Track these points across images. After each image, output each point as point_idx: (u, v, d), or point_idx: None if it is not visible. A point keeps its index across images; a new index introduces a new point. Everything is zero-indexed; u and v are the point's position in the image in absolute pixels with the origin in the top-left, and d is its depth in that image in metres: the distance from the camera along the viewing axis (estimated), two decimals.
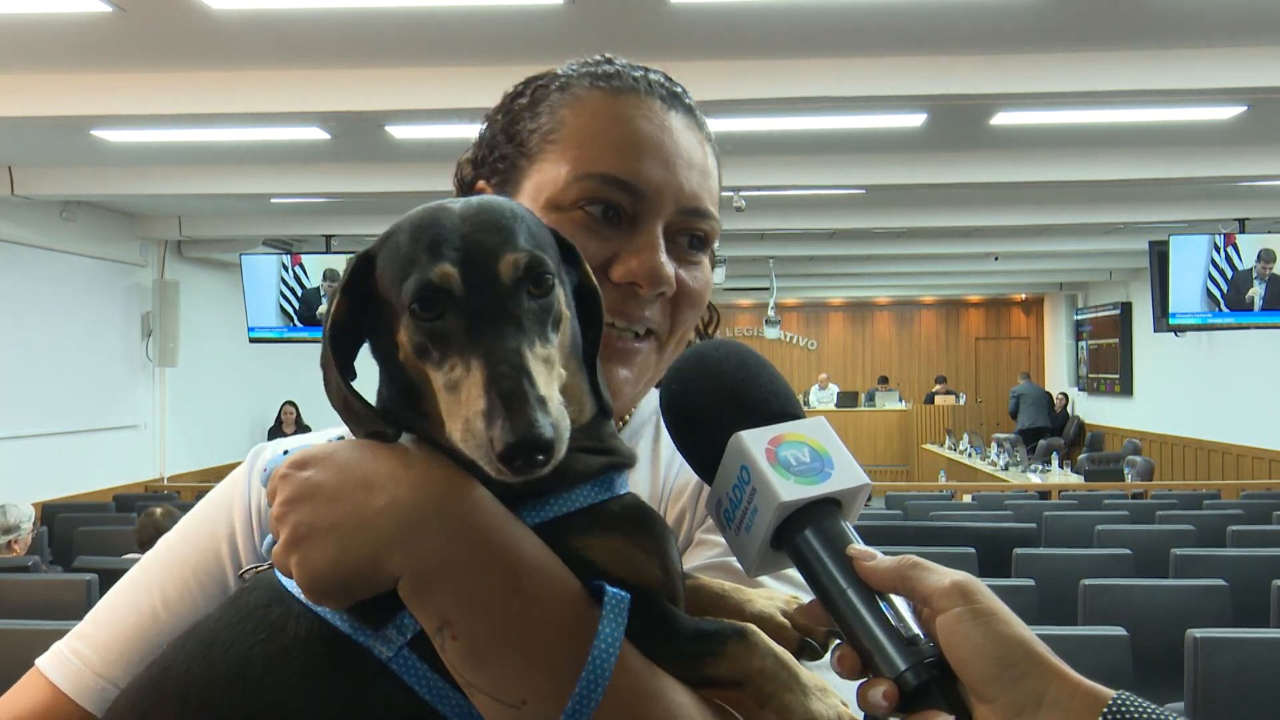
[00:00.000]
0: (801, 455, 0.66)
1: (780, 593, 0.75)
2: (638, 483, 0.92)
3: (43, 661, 0.85)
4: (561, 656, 0.64)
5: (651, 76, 0.91)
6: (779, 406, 0.70)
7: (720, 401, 0.70)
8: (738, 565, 0.79)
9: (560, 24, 4.58)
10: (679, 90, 0.93)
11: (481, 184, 0.94)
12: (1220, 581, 4.04)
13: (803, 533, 0.65)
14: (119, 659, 0.83)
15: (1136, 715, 0.55)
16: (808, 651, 0.71)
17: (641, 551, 0.69)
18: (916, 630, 0.60)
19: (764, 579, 0.78)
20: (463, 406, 0.62)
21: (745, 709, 0.70)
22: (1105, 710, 0.55)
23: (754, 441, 0.66)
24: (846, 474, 0.66)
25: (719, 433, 0.68)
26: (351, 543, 0.66)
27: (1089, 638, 3.32)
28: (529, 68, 0.98)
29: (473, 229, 0.66)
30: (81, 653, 0.84)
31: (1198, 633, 3.09)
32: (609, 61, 0.92)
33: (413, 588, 0.66)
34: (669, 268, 0.87)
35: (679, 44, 4.86)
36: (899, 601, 0.62)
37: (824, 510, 0.65)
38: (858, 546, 0.64)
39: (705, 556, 0.83)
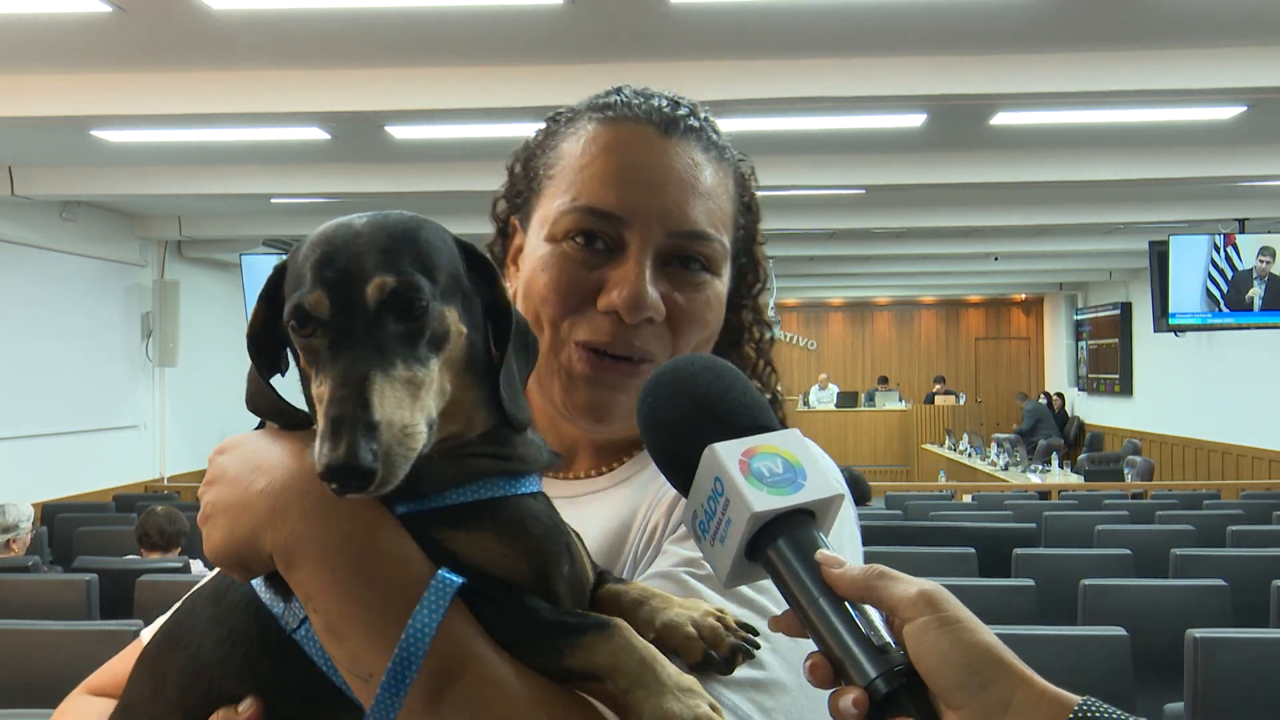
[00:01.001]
0: (775, 467, 0.66)
1: (706, 604, 0.75)
2: (631, 496, 0.92)
3: (146, 632, 0.95)
4: (395, 635, 0.67)
5: (653, 103, 0.93)
6: (752, 419, 0.70)
7: (695, 415, 0.70)
8: (683, 575, 0.80)
9: (560, 24, 4.58)
10: (683, 114, 0.93)
11: (514, 219, 0.99)
12: (1220, 581, 4.04)
13: (776, 543, 0.65)
14: None
15: None
16: (715, 666, 0.71)
17: (507, 548, 0.71)
18: (887, 638, 0.61)
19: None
20: (318, 421, 0.66)
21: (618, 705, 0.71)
22: (1071, 716, 0.56)
23: (728, 453, 0.67)
24: (819, 485, 0.66)
25: (694, 445, 0.68)
26: (237, 522, 0.72)
27: (1089, 638, 3.31)
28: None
29: (358, 248, 0.68)
30: None
31: (1198, 633, 3.08)
32: (618, 91, 0.94)
33: (281, 564, 0.71)
34: (652, 294, 0.88)
35: (679, 44, 4.86)
36: (870, 610, 0.62)
37: (797, 521, 0.65)
38: (825, 553, 0.65)
39: (661, 565, 0.84)
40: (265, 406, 0.76)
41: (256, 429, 0.79)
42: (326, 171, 7.43)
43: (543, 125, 0.98)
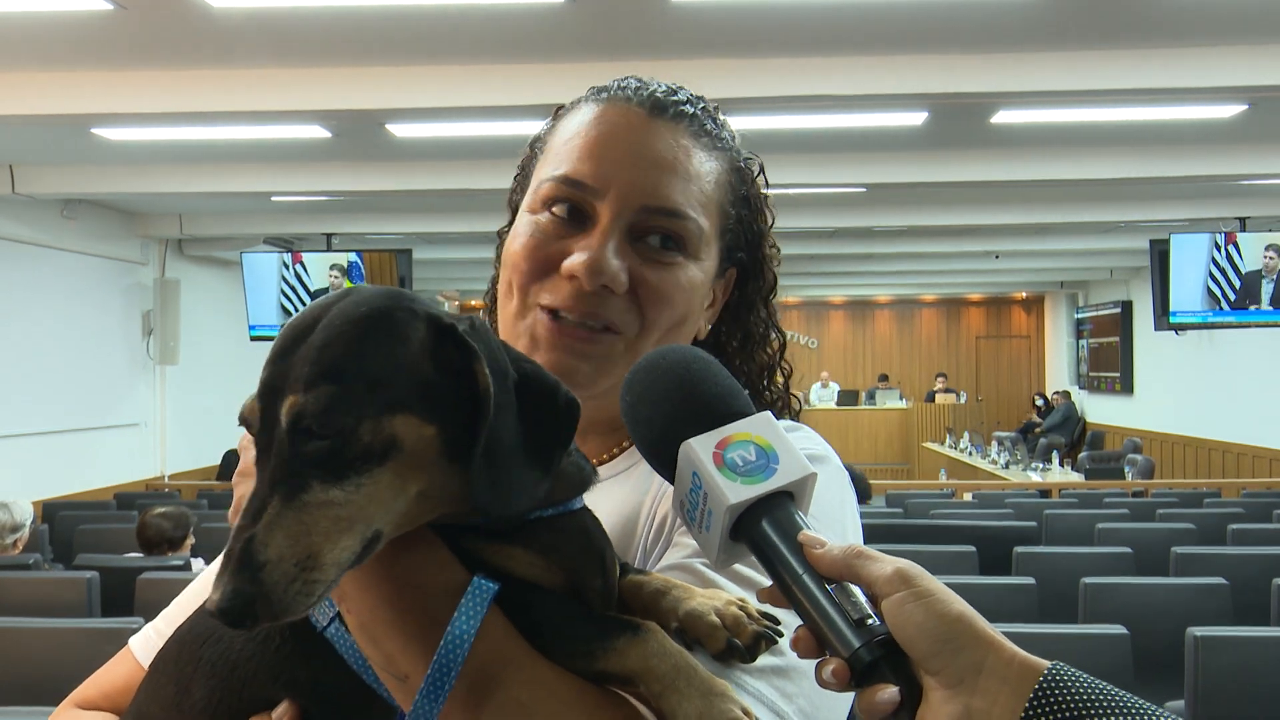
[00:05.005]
0: (748, 455, 0.69)
1: (726, 594, 0.75)
2: (635, 487, 0.92)
3: (133, 640, 0.97)
4: (431, 638, 0.67)
5: (649, 89, 0.95)
6: (725, 408, 0.71)
7: (669, 409, 0.72)
8: (699, 566, 0.80)
9: (560, 24, 4.58)
10: (677, 100, 0.95)
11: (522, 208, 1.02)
12: (1220, 580, 4.04)
13: (759, 525, 0.68)
14: None
15: (1071, 684, 0.58)
16: (736, 654, 0.72)
17: (540, 561, 0.71)
18: (868, 610, 0.63)
19: (725, 580, 0.79)
20: None
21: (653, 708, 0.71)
22: (1041, 678, 0.59)
23: (701, 448, 0.69)
24: (791, 467, 0.69)
25: (671, 440, 0.70)
26: None
27: (1089, 636, 3.32)
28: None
29: (298, 351, 0.64)
30: (161, 631, 0.93)
31: (1198, 631, 3.09)
32: (621, 79, 0.97)
33: None
34: (613, 263, 0.89)
35: (679, 44, 4.86)
36: (852, 586, 0.65)
37: (777, 502, 0.68)
38: (808, 534, 0.67)
39: (675, 557, 0.84)
40: None
41: None
42: (327, 170, 7.43)
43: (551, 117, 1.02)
